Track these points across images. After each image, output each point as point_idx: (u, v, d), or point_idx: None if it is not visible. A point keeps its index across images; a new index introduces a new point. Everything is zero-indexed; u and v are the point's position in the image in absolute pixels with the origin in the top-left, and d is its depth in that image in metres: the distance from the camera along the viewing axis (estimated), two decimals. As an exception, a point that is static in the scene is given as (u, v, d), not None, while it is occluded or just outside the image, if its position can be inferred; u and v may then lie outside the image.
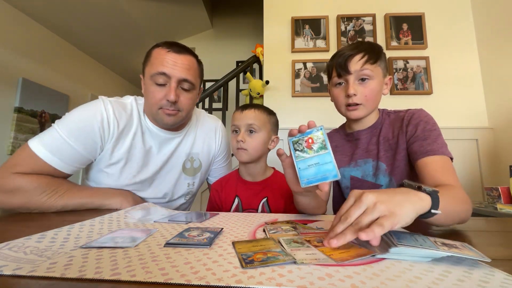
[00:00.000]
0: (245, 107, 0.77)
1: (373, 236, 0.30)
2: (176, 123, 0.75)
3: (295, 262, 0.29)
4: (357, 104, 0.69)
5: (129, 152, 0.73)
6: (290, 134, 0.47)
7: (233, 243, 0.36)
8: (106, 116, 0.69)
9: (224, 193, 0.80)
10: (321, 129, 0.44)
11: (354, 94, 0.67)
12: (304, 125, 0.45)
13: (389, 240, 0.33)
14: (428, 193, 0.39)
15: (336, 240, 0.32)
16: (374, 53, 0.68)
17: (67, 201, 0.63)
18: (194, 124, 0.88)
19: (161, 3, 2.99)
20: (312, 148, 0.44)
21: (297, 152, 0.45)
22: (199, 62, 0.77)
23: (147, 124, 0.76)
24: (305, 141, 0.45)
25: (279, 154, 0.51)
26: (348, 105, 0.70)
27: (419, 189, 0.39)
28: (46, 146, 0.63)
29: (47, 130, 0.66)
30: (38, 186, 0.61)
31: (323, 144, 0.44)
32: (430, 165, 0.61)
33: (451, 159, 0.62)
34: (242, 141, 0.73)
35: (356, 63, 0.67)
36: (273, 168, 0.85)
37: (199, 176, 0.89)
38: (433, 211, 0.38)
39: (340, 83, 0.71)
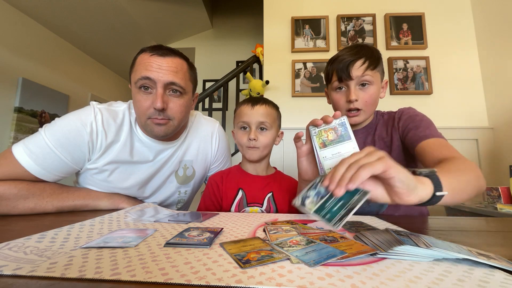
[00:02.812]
0: (255, 101, 0.73)
1: (359, 175, 0.32)
2: (168, 134, 0.69)
3: (289, 259, 0.30)
4: (357, 110, 0.71)
5: (115, 163, 0.69)
6: (313, 124, 0.47)
7: (221, 244, 0.35)
8: (95, 127, 0.65)
9: (224, 186, 0.77)
10: (344, 119, 0.45)
11: (356, 100, 0.69)
12: (330, 116, 0.46)
13: (422, 242, 0.32)
14: (426, 176, 0.37)
15: (338, 187, 0.34)
16: (374, 59, 0.69)
17: (58, 204, 0.62)
18: (189, 130, 0.82)
19: (161, 3, 2.99)
20: (337, 138, 0.45)
21: (320, 142, 0.47)
22: (191, 65, 0.71)
23: (139, 135, 0.71)
24: (329, 131, 0.46)
25: (297, 138, 0.51)
26: (349, 110, 0.71)
27: (414, 173, 0.37)
28: (30, 155, 0.59)
29: (33, 135, 0.62)
30: (18, 193, 0.58)
31: (347, 134, 0.45)
32: (428, 147, 0.62)
33: None
34: (255, 139, 0.71)
35: (358, 69, 0.68)
36: (275, 168, 0.84)
37: (192, 184, 0.84)
38: (438, 193, 0.36)
39: (340, 88, 0.72)
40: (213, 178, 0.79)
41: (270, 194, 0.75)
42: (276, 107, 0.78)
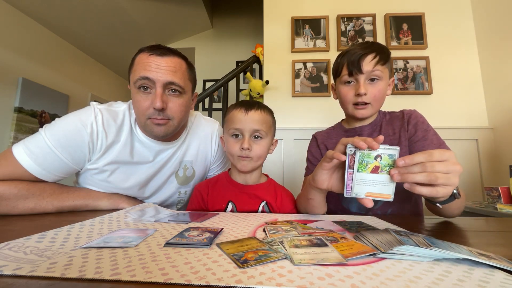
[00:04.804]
0: (249, 106, 0.68)
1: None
2: (168, 134, 0.69)
3: (286, 258, 0.30)
4: (365, 104, 0.71)
5: (115, 163, 0.69)
6: (357, 146, 0.43)
7: (218, 245, 0.35)
8: (95, 128, 0.65)
9: (211, 197, 0.72)
10: (395, 149, 0.42)
11: (365, 94, 0.69)
12: (376, 143, 0.42)
13: (422, 242, 0.32)
14: None
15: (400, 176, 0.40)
16: (384, 55, 0.70)
17: (58, 204, 0.62)
18: (188, 130, 0.81)
19: (161, 3, 2.99)
20: (379, 166, 0.43)
21: (352, 163, 0.44)
22: (189, 65, 0.71)
23: (139, 136, 0.71)
24: (374, 157, 0.43)
25: (333, 157, 0.47)
26: (357, 103, 0.72)
27: None
28: (30, 155, 0.59)
29: (33, 136, 0.62)
30: (18, 193, 0.58)
31: (390, 165, 0.42)
32: None
33: None
34: (248, 149, 0.65)
35: (369, 63, 0.69)
36: (266, 175, 0.79)
37: (192, 184, 0.84)
38: (455, 191, 0.45)
39: (349, 82, 0.73)
40: (197, 189, 0.75)
41: (264, 203, 0.70)
42: (271, 113, 0.73)
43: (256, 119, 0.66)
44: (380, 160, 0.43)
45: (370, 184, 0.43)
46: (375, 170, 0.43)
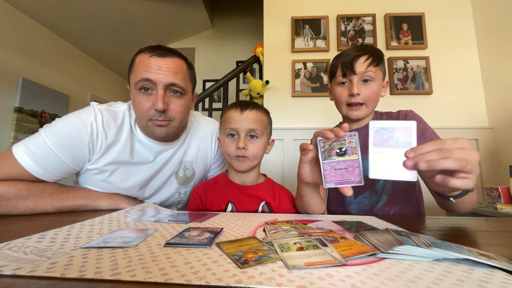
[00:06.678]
0: (244, 106, 0.69)
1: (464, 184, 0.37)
2: (169, 135, 0.69)
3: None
4: (359, 104, 0.72)
5: (115, 164, 0.69)
6: (324, 136, 0.46)
7: (218, 244, 0.35)
8: (95, 128, 0.65)
9: (209, 199, 0.72)
10: (355, 135, 0.45)
11: (358, 94, 0.71)
12: (342, 131, 0.45)
13: (423, 242, 0.32)
14: None
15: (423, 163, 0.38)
16: (377, 56, 0.72)
17: (58, 204, 0.62)
18: (188, 130, 0.82)
19: (161, 3, 2.99)
20: (343, 152, 0.46)
21: (324, 153, 0.47)
22: (189, 65, 0.71)
23: (139, 137, 0.71)
24: (338, 145, 0.46)
25: (304, 149, 0.51)
26: (350, 104, 0.73)
27: None
28: (31, 155, 0.59)
29: (33, 136, 0.62)
30: (18, 193, 0.58)
31: (354, 150, 0.45)
32: None
33: None
34: (244, 148, 0.66)
35: (362, 65, 0.70)
36: (264, 174, 0.79)
37: (192, 185, 0.83)
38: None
39: (343, 83, 0.74)
40: (196, 190, 0.75)
41: (263, 203, 0.70)
42: (267, 113, 0.73)
43: (251, 119, 0.67)
44: (344, 147, 0.46)
45: (341, 170, 0.45)
46: (341, 156, 0.46)
